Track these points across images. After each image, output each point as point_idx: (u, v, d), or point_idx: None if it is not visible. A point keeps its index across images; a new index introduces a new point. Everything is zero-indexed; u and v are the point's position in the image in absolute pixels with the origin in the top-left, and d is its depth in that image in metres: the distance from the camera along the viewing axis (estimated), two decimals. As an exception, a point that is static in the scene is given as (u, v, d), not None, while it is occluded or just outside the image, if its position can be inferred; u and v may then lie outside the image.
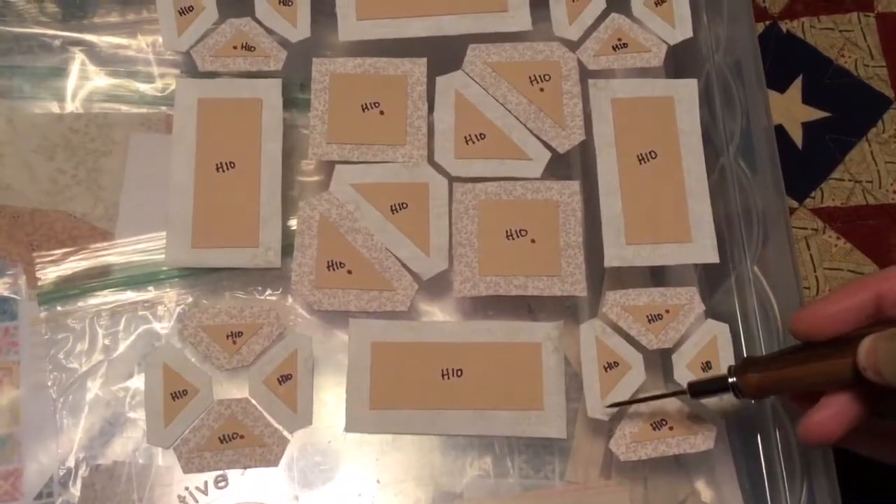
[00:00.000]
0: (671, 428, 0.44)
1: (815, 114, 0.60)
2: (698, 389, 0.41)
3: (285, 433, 0.45)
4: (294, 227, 0.48)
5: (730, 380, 0.39)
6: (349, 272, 0.46)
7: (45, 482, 0.45)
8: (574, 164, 0.51)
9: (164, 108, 0.52)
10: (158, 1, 0.50)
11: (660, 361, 0.47)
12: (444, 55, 0.50)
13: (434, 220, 0.47)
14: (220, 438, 0.44)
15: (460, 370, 0.45)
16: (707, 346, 0.45)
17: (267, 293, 0.48)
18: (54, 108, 0.52)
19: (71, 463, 0.45)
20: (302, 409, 0.45)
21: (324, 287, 0.46)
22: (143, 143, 0.51)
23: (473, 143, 0.49)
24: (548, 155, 0.49)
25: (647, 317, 0.45)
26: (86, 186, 0.50)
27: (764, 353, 0.45)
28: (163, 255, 0.47)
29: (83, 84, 0.52)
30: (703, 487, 0.46)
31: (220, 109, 0.49)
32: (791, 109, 0.60)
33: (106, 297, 0.48)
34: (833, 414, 0.38)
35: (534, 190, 0.48)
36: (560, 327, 0.46)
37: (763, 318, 0.46)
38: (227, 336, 0.45)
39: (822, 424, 0.38)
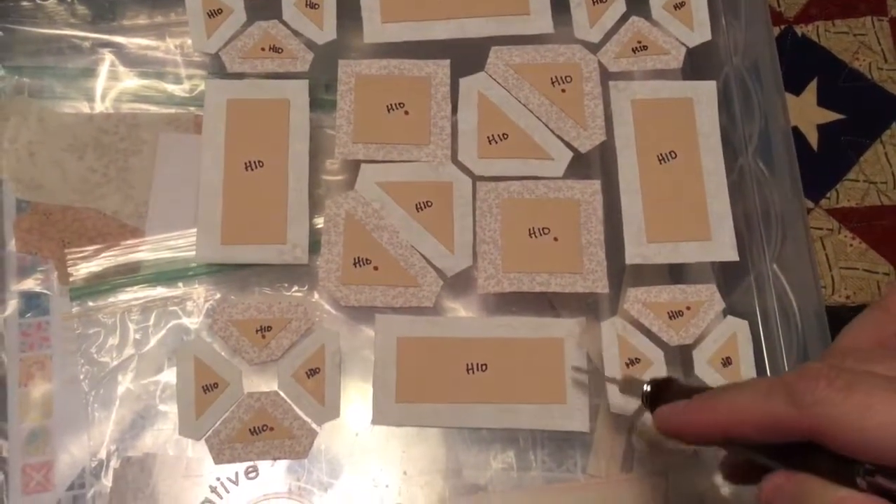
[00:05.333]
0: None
1: (830, 116, 0.61)
2: (624, 389, 0.40)
3: (313, 425, 0.45)
4: (321, 225, 0.49)
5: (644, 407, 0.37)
6: (375, 269, 0.47)
7: (77, 473, 0.46)
8: (594, 163, 0.52)
9: (191, 108, 0.53)
10: (188, 4, 0.51)
11: (680, 357, 0.48)
12: (467, 57, 0.51)
13: (458, 218, 0.48)
14: (250, 430, 0.45)
15: (485, 365, 0.46)
16: (727, 342, 0.46)
17: (294, 289, 0.49)
18: (84, 108, 0.53)
19: (102, 455, 0.46)
20: (330, 402, 0.46)
21: (350, 283, 0.47)
22: (171, 142, 0.52)
23: (496, 143, 0.50)
24: (569, 155, 0.49)
25: (668, 313, 0.46)
26: (116, 185, 0.51)
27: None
28: (191, 252, 0.48)
29: (113, 85, 0.53)
30: (722, 482, 0.47)
31: (248, 110, 0.50)
32: (806, 111, 0.61)
33: (136, 293, 0.49)
34: (703, 423, 0.32)
35: (556, 189, 0.49)
36: (582, 324, 0.47)
37: (782, 316, 0.47)
38: (257, 331, 0.46)
39: (683, 424, 0.33)
